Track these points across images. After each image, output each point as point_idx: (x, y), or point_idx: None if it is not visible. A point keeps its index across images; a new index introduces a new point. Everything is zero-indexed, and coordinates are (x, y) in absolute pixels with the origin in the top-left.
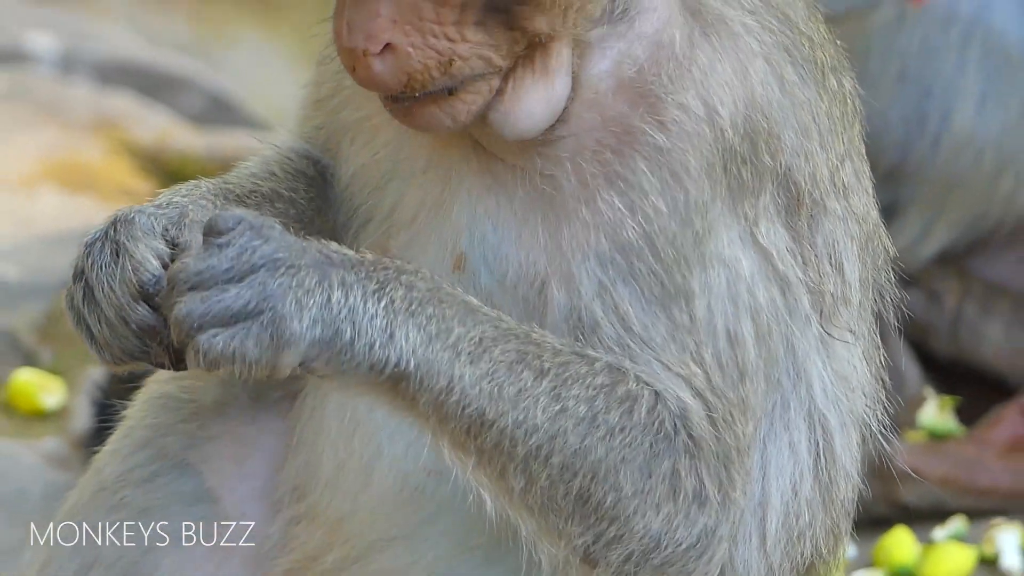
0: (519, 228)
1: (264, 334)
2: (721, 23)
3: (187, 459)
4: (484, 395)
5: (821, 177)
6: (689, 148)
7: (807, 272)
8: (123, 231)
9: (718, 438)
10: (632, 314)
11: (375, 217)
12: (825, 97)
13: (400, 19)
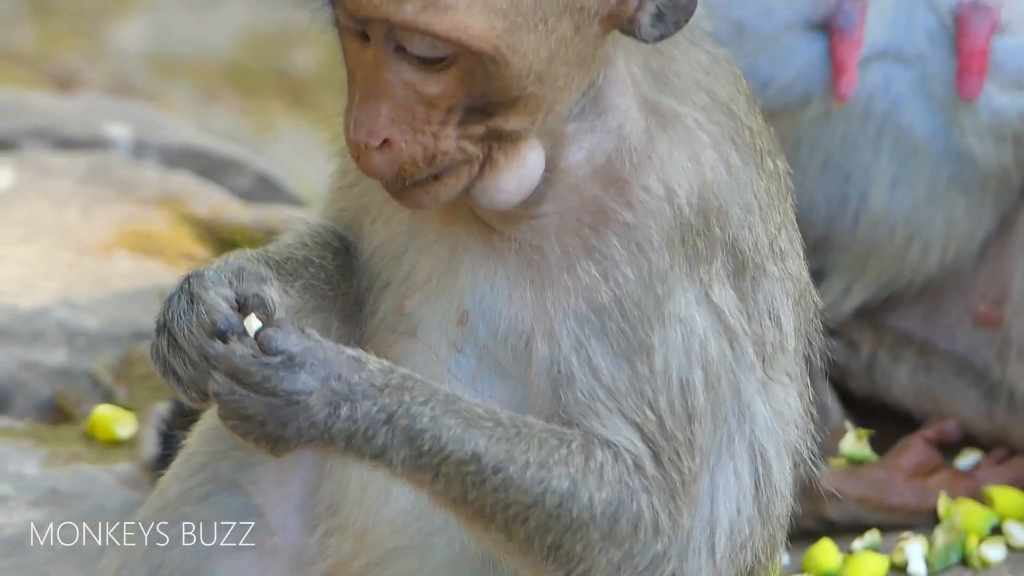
0: (511, 290)
1: (263, 437)
2: (676, 118)
3: (237, 481)
4: (470, 484)
5: (762, 245)
6: (652, 224)
7: (751, 326)
8: (196, 284)
9: (667, 475)
10: (602, 366)
11: (393, 282)
12: (763, 177)
13: (396, 119)
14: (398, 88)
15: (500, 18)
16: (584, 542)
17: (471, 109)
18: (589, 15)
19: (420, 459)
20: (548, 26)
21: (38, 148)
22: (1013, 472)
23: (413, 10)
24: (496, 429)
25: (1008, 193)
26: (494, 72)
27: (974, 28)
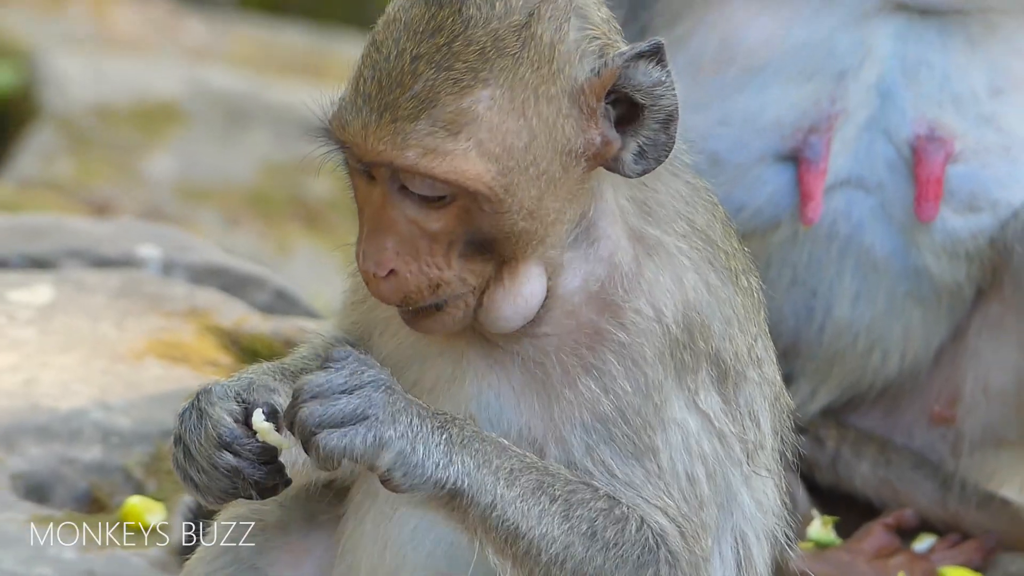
0: (517, 399)
1: (368, 435)
2: (660, 246)
3: (256, 563)
4: (518, 512)
5: (741, 354)
6: (644, 341)
7: (735, 426)
8: (204, 400)
9: (690, 551)
10: (615, 466)
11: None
12: (739, 294)
13: (401, 252)
14: (402, 224)
15: (493, 162)
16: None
17: (470, 243)
18: (576, 156)
19: (479, 471)
20: (538, 168)
21: (76, 267)
22: (965, 555)
23: (414, 155)
24: (525, 459)
25: (960, 305)
26: (489, 210)
27: (930, 158)
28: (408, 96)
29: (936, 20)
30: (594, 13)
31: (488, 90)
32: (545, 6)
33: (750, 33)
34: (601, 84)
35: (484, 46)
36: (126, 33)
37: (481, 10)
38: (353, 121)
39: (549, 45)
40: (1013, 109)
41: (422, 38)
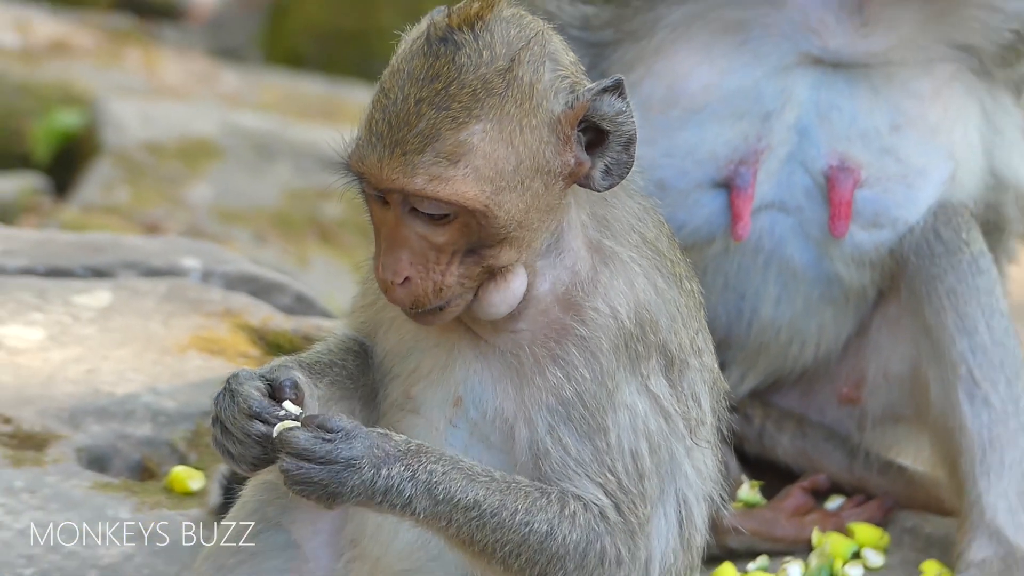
0: (495, 385)
1: (326, 496)
2: (615, 256)
3: (280, 522)
4: (475, 527)
5: (684, 345)
6: (602, 335)
7: (679, 406)
8: (233, 382)
9: (626, 520)
10: (571, 444)
11: (401, 374)
12: (683, 295)
13: (414, 262)
14: (414, 239)
15: (488, 184)
16: (563, 571)
17: (468, 251)
18: (555, 175)
19: (437, 507)
20: (524, 186)
21: (130, 276)
22: (869, 512)
23: (422, 182)
24: (491, 483)
25: (864, 305)
26: (485, 223)
27: (841, 185)
28: (414, 133)
29: (845, 71)
30: (563, 57)
31: (480, 124)
32: (524, 52)
33: (691, 81)
34: (574, 115)
35: (475, 88)
36: (172, 83)
37: (471, 59)
38: (369, 156)
39: (529, 85)
40: (909, 143)
41: (423, 84)
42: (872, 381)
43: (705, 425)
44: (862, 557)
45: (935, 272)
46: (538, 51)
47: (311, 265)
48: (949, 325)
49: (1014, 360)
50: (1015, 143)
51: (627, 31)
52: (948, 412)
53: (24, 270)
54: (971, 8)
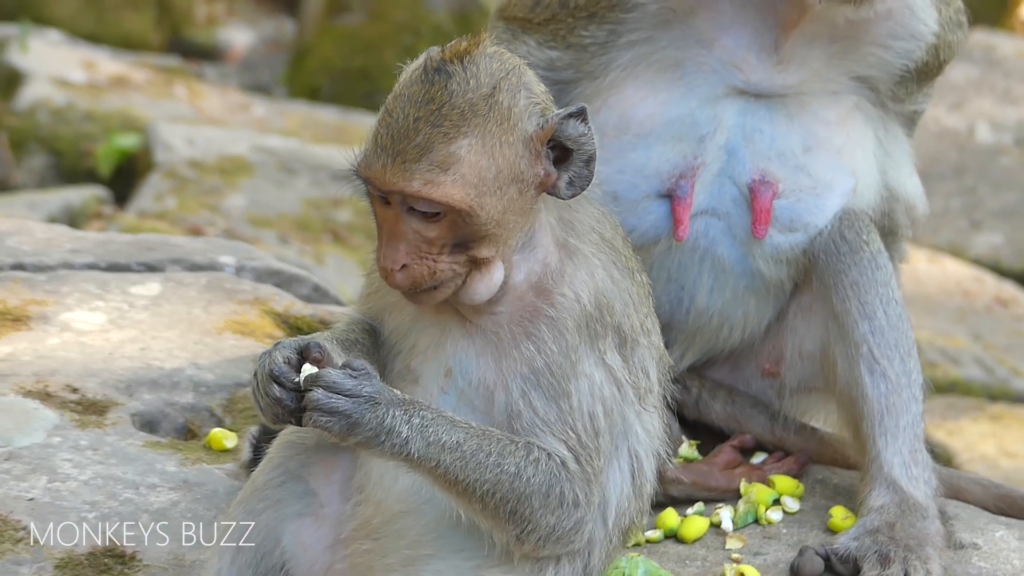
0: (478, 358)
1: (346, 427)
2: (578, 251)
3: (301, 474)
4: (458, 468)
5: (635, 326)
6: (567, 316)
7: (630, 377)
8: (274, 348)
9: (583, 470)
10: (539, 406)
11: (403, 350)
12: (634, 285)
13: (410, 252)
14: (410, 233)
15: (472, 188)
16: (530, 509)
17: (456, 244)
18: (528, 183)
19: (428, 449)
20: (502, 191)
21: (176, 270)
22: (787, 466)
23: (418, 185)
24: (469, 429)
25: (783, 295)
26: (469, 221)
27: (762, 195)
28: (412, 145)
29: (765, 101)
30: (536, 87)
31: (467, 139)
32: (504, 82)
33: (639, 111)
34: (544, 134)
35: (463, 110)
36: (212, 112)
37: (460, 86)
38: (375, 163)
39: (508, 108)
40: (819, 162)
41: (420, 105)
42: (789, 358)
43: (653, 393)
44: (782, 503)
45: (841, 267)
46: (515, 81)
47: (326, 262)
48: (853, 311)
49: (907, 340)
50: (903, 165)
51: (585, 71)
52: (852, 384)
53: (89, 265)
54: (869, 46)
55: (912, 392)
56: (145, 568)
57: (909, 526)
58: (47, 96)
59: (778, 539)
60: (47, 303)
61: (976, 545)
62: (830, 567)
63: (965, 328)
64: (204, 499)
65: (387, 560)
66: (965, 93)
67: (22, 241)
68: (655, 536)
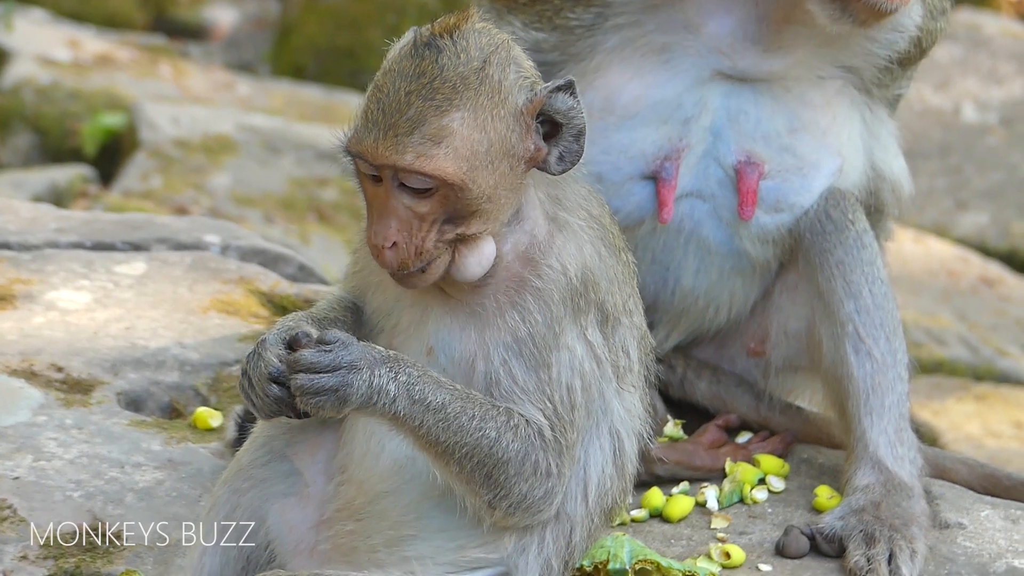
0: (460, 332)
1: (337, 401)
2: (567, 225)
3: (285, 453)
4: (441, 430)
5: (618, 305)
6: (553, 288)
7: (610, 355)
8: (261, 347)
9: (557, 441)
10: (518, 375)
11: (386, 328)
12: (620, 264)
13: (400, 229)
14: (401, 210)
15: (464, 162)
16: (504, 475)
17: (447, 220)
18: (518, 158)
19: (413, 407)
20: (494, 166)
21: (162, 249)
22: (772, 446)
23: (410, 158)
24: (454, 391)
25: (768, 274)
26: (461, 196)
27: (748, 176)
28: (404, 119)
29: (751, 84)
30: (524, 62)
31: (459, 112)
32: (493, 56)
33: (624, 93)
34: (533, 108)
35: (455, 83)
36: (196, 91)
37: (451, 59)
38: (366, 138)
39: (498, 81)
40: (804, 143)
41: (412, 79)
42: (775, 337)
43: (633, 373)
44: (767, 483)
45: (826, 246)
46: (504, 55)
47: (311, 241)
48: (838, 290)
49: (892, 320)
50: (888, 145)
51: (571, 53)
52: (838, 363)
53: (74, 244)
54: (854, 38)
55: (897, 372)
56: (130, 547)
57: (894, 505)
58: (32, 75)
59: (763, 518)
60: (32, 282)
61: (961, 525)
62: (815, 546)
63: (950, 308)
64: (189, 478)
65: (371, 541)
66: (950, 73)
67: (7, 220)
68: (640, 515)
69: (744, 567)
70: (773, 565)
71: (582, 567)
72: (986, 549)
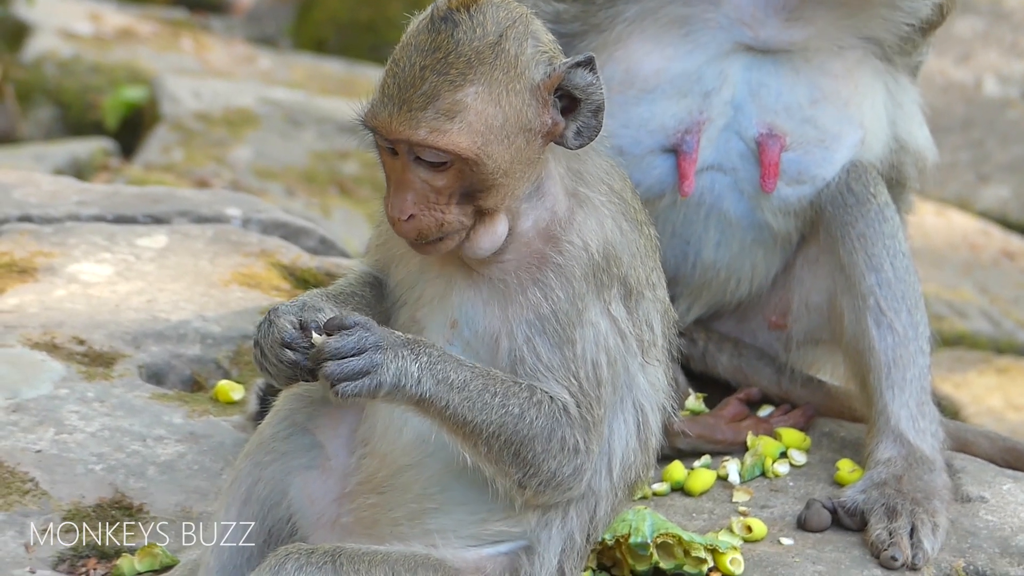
0: (484, 307)
1: (371, 384)
2: (588, 200)
3: (307, 426)
4: (464, 408)
5: (640, 279)
6: (575, 264)
7: (634, 329)
8: (273, 315)
9: (584, 417)
10: (543, 353)
11: (409, 301)
12: (643, 238)
13: (417, 202)
14: (417, 183)
15: (479, 136)
16: (532, 453)
17: (463, 194)
18: (534, 133)
19: (437, 387)
20: (509, 140)
21: (183, 223)
22: (793, 419)
23: (424, 133)
24: (474, 369)
25: (789, 247)
26: (476, 170)
27: (770, 149)
28: (419, 93)
29: (771, 56)
30: (543, 36)
31: (473, 87)
32: (510, 30)
33: (645, 66)
34: (551, 83)
35: (470, 57)
36: (218, 64)
37: (466, 34)
38: (381, 112)
39: (514, 56)
40: (826, 114)
41: (427, 54)
42: (796, 310)
43: (656, 346)
44: (788, 456)
45: (848, 219)
46: (522, 29)
47: (332, 214)
48: (860, 263)
49: (914, 293)
50: (913, 115)
51: (592, 24)
52: (859, 336)
53: (96, 217)
54: (876, 7)
55: (919, 345)
56: (152, 519)
57: (916, 479)
58: (53, 48)
59: (785, 492)
60: (54, 255)
61: (983, 498)
62: (837, 520)
63: (972, 281)
64: (211, 451)
65: (393, 514)
66: (972, 46)
67: (29, 193)
68: (662, 489)
69: (765, 541)
70: (795, 539)
71: (604, 541)
72: (1008, 522)
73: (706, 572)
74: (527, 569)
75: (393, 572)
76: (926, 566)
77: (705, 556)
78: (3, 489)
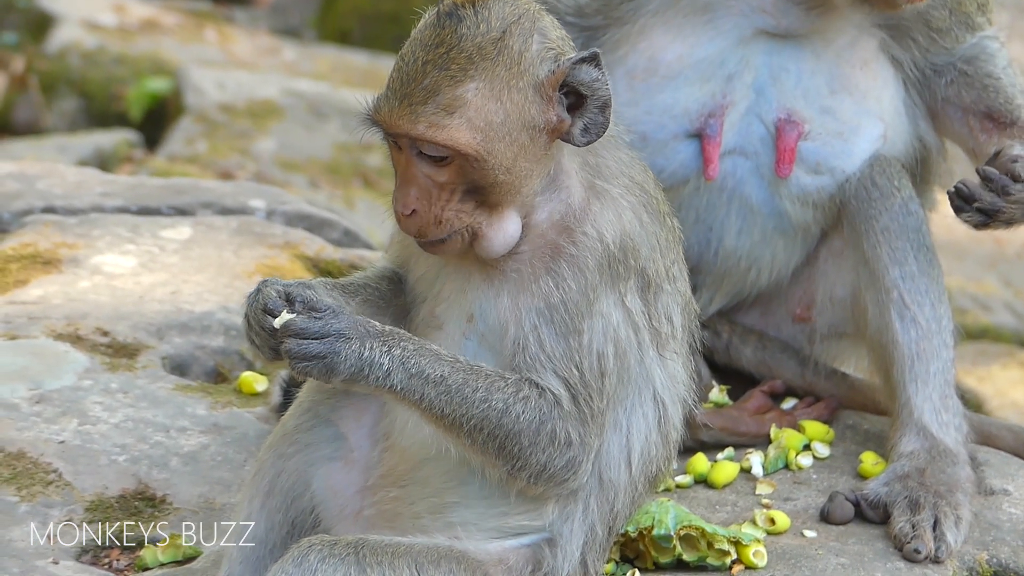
0: (496, 300)
1: (325, 369)
2: (605, 192)
3: (330, 418)
4: (444, 403)
5: (660, 272)
6: (589, 255)
7: (651, 322)
8: (263, 284)
9: (580, 410)
10: (547, 341)
11: (428, 297)
12: (664, 230)
13: (420, 197)
14: (420, 178)
15: (479, 132)
16: (519, 446)
17: (466, 191)
18: (539, 130)
19: (410, 381)
20: (512, 137)
21: (207, 214)
22: (817, 412)
23: (423, 128)
24: (456, 363)
25: (810, 238)
26: (477, 167)
27: (787, 134)
28: (420, 88)
29: (792, 41)
30: (552, 32)
31: (474, 83)
32: (515, 26)
33: (667, 53)
34: (555, 79)
35: (471, 53)
36: (242, 56)
37: (470, 29)
38: (383, 107)
39: (518, 52)
40: (845, 105)
41: (430, 49)
42: (820, 303)
43: (676, 339)
44: (812, 449)
45: (872, 213)
46: (528, 26)
47: (356, 206)
48: (884, 257)
49: (938, 287)
50: None
51: (614, 17)
52: (883, 329)
53: (120, 209)
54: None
55: (943, 338)
56: (175, 511)
57: (939, 472)
58: (78, 39)
59: (808, 484)
60: (78, 246)
61: (1006, 491)
62: (860, 513)
63: (996, 274)
64: (234, 442)
65: (414, 507)
66: None
67: (53, 184)
68: (685, 481)
69: (789, 533)
70: (818, 531)
71: (627, 533)
72: None
73: (729, 564)
74: (550, 561)
75: (416, 564)
76: (949, 559)
77: (728, 548)
78: (27, 480)
